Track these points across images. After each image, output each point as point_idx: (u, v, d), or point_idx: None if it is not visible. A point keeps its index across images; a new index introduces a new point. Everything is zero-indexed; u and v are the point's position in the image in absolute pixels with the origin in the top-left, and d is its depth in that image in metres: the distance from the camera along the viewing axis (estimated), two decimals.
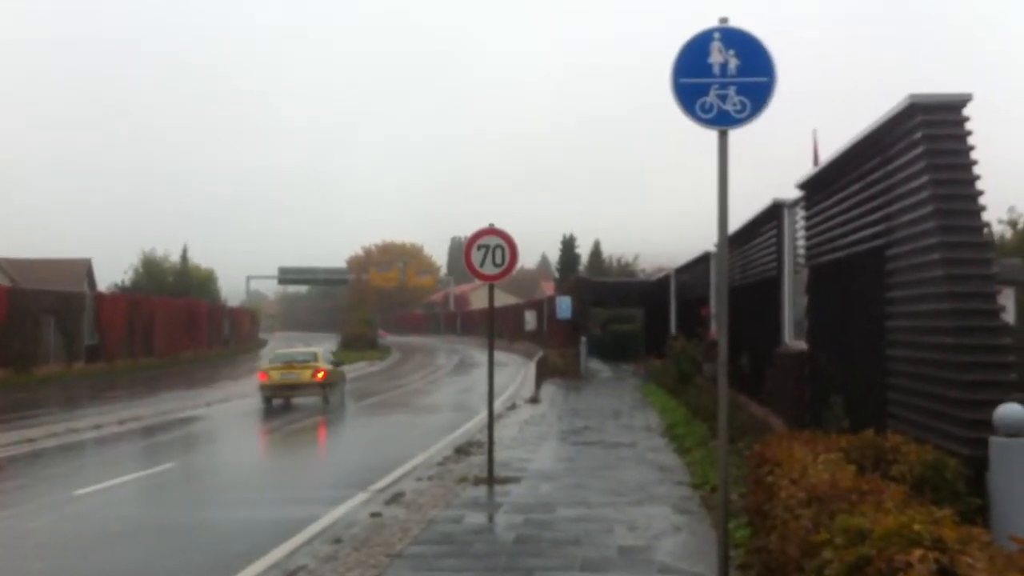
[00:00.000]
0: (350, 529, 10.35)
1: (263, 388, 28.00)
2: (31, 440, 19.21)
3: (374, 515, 10.98)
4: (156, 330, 56.18)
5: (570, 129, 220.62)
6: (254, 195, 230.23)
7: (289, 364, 28.44)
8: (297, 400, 27.99)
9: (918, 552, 3.97)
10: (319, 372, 28.09)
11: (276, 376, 27.81)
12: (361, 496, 12.51)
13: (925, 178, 8.39)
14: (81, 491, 13.43)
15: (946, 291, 8.00)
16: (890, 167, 9.39)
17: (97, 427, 21.70)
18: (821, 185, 12.47)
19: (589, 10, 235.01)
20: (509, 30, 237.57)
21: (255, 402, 28.30)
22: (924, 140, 8.45)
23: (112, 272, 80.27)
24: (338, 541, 9.73)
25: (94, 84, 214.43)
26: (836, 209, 11.62)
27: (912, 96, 8.55)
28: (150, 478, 14.92)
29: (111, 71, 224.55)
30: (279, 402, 27.85)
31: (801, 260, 14.30)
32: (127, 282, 74.97)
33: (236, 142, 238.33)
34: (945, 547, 4.01)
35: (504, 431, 18.44)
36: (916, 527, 4.25)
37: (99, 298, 52.92)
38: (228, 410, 27.11)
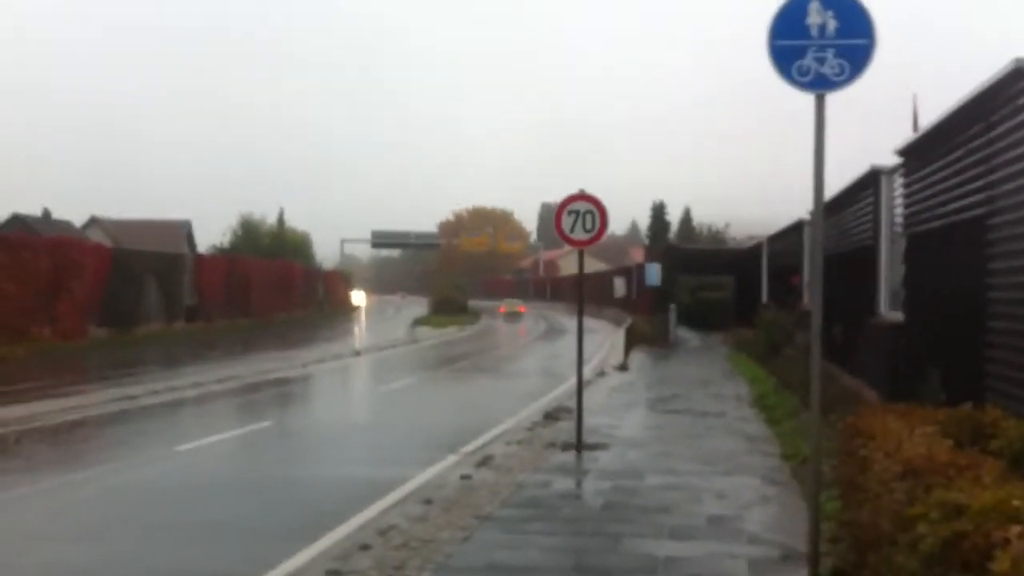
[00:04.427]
0: (440, 490, 10.50)
1: (503, 314, 72.33)
2: (133, 397, 19.77)
3: (464, 477, 11.14)
4: (252, 291, 57.00)
5: (664, 102, 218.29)
6: (350, 162, 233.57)
7: (512, 304, 76.83)
8: (512, 317, 70.05)
9: (1016, 528, 3.90)
10: (522, 307, 77.55)
11: (507, 307, 75.21)
12: (451, 458, 12.69)
13: None
14: (182, 447, 13.87)
15: None
16: (993, 133, 9.09)
17: (197, 385, 22.28)
18: (921, 152, 12.14)
19: None
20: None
21: (350, 363, 30.98)
22: None
23: (211, 234, 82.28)
24: (428, 502, 9.88)
25: (205, 65, 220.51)
26: (936, 176, 11.29)
27: (1017, 60, 8.24)
28: (247, 436, 15.36)
29: (221, 55, 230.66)
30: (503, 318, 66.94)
31: (899, 229, 13.94)
32: (225, 244, 76.56)
33: (336, 113, 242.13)
34: None
35: (592, 398, 18.46)
36: (1015, 503, 4.16)
37: (199, 259, 54.33)
38: (323, 371, 27.73)
